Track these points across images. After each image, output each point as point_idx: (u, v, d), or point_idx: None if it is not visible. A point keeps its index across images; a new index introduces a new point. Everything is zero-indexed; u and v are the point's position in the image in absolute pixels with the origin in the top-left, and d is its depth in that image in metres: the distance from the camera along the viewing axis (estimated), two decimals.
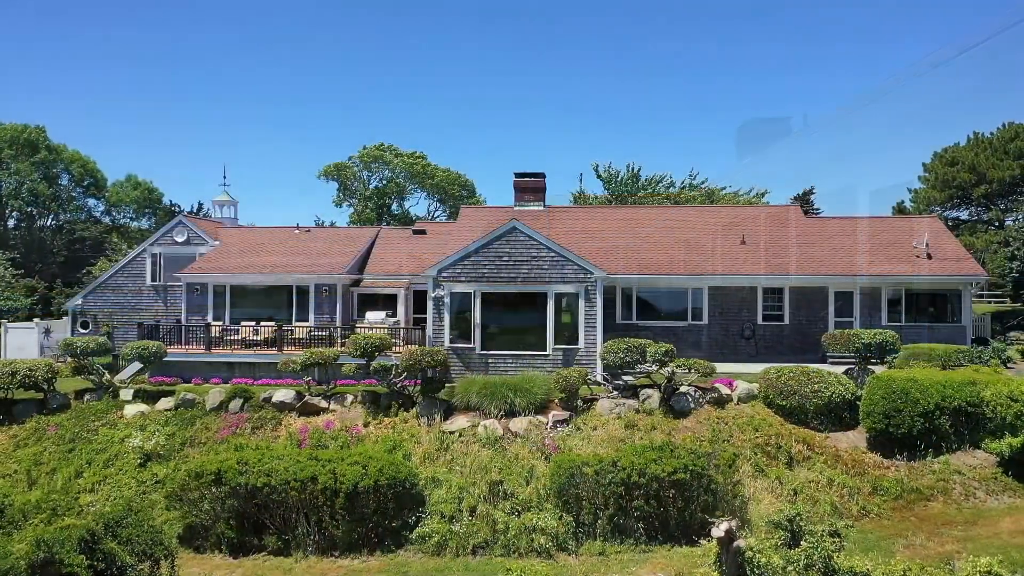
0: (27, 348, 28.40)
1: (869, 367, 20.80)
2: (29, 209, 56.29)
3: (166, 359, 23.48)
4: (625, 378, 21.00)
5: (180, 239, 29.75)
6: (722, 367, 21.46)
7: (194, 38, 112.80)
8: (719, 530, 9.34)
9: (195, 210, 60.17)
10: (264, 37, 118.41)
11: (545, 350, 22.62)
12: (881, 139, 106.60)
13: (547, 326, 22.66)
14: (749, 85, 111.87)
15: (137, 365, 23.70)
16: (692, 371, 19.89)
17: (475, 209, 32.44)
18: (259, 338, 24.95)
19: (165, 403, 20.93)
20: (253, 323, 25.58)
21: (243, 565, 15.44)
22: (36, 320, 31.20)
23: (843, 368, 21.66)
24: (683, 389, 20.03)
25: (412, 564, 15.02)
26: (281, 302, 26.95)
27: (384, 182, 65.23)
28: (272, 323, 25.63)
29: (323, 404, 20.60)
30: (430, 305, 23.06)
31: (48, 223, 58.83)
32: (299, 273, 26.74)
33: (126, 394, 21.44)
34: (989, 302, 42.24)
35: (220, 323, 25.98)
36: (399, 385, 20.37)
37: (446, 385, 20.65)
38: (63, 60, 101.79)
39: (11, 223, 56.60)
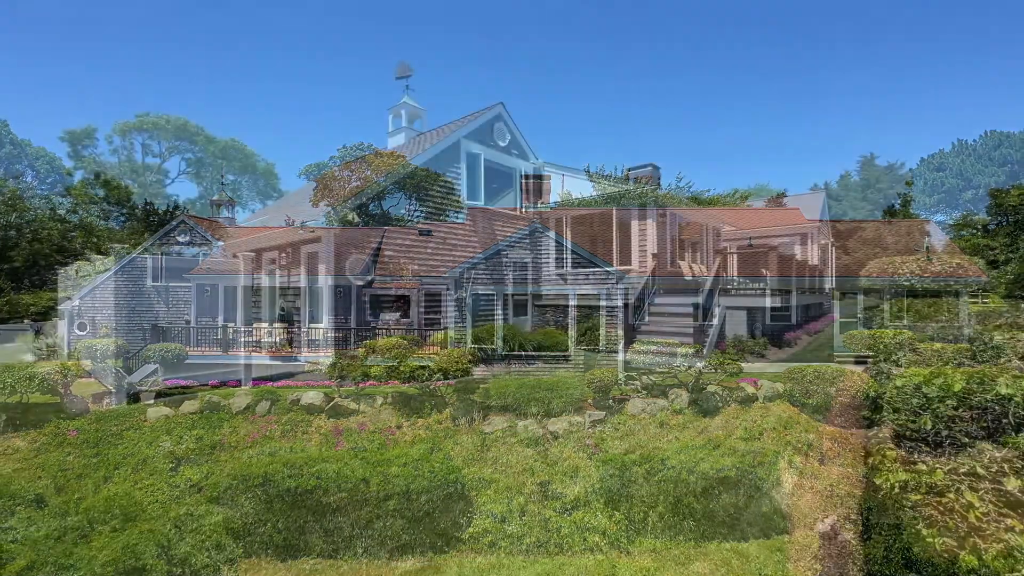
0: (20, 349, 27.36)
1: (886, 366, 21.52)
2: None
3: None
4: (651, 377, 21.31)
5: (183, 239, 29.05)
6: None
7: (172, 34, 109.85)
8: (824, 524, 9.63)
9: (171, 209, 58.59)
10: (245, 33, 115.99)
11: (567, 350, 22.80)
12: (873, 140, 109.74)
13: (569, 326, 22.86)
14: (749, 85, 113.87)
15: (150, 367, 23.14)
16: (719, 370, 20.34)
17: (480, 210, 32.41)
18: (274, 339, 24.56)
19: (189, 406, 20.45)
20: (267, 324, 25.16)
21: (293, 569, 15.27)
22: (27, 321, 30.12)
23: (852, 367, 22.33)
24: (710, 388, 20.43)
25: (467, 564, 15.04)
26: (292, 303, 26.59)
27: (362, 181, 64.37)
28: (286, 324, 25.26)
29: (353, 406, 20.41)
30: (451, 306, 23.04)
31: (12, 220, 56.59)
32: (313, 274, 26.37)
33: (147, 397, 20.91)
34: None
35: (233, 324, 25.50)
36: (432, 386, 20.31)
37: (480, 386, 20.65)
38: (30, 54, 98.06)
39: None
